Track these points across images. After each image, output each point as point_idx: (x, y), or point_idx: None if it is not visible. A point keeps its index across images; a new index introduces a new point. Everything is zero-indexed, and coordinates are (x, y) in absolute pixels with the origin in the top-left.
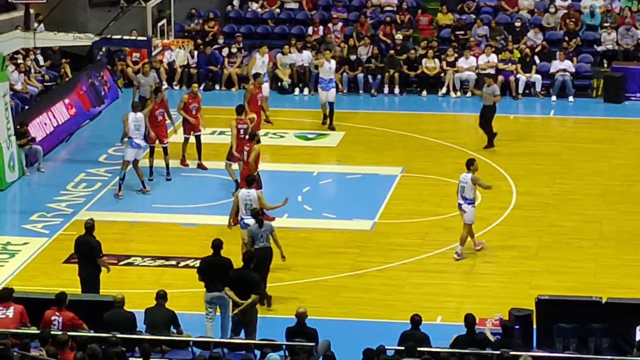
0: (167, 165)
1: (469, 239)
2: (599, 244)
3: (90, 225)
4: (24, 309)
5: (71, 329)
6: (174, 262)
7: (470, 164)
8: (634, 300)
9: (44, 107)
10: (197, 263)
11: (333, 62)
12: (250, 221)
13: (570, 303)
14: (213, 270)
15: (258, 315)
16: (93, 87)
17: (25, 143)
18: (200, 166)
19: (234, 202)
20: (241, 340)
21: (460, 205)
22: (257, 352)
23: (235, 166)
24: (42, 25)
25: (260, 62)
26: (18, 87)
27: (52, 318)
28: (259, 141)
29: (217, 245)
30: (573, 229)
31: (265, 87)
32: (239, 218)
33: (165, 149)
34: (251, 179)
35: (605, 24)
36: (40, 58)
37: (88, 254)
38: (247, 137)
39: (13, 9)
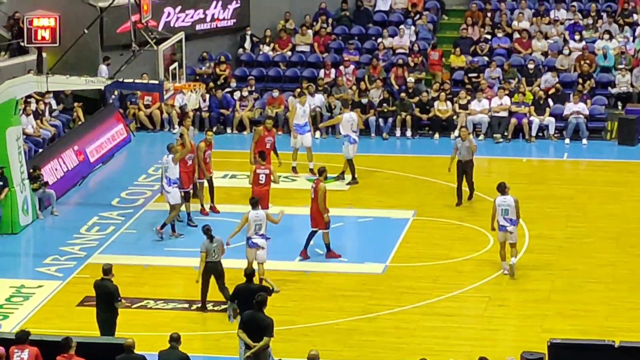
0: (188, 213)
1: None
2: (611, 287)
3: (107, 269)
4: (39, 351)
5: None
6: (186, 305)
7: (506, 187)
8: None
9: (57, 151)
10: (211, 306)
11: (348, 114)
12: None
13: (583, 347)
14: (245, 297)
15: (270, 358)
16: None
17: (37, 187)
18: (213, 209)
19: (241, 221)
20: None
21: (504, 227)
22: None
23: (272, 209)
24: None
25: (300, 111)
26: (29, 130)
27: None
28: (326, 177)
29: (249, 274)
30: (585, 272)
31: (307, 137)
32: (247, 238)
33: (187, 194)
34: (255, 201)
35: (620, 66)
36: (53, 102)
37: (106, 298)
38: (263, 183)
39: (25, 52)
